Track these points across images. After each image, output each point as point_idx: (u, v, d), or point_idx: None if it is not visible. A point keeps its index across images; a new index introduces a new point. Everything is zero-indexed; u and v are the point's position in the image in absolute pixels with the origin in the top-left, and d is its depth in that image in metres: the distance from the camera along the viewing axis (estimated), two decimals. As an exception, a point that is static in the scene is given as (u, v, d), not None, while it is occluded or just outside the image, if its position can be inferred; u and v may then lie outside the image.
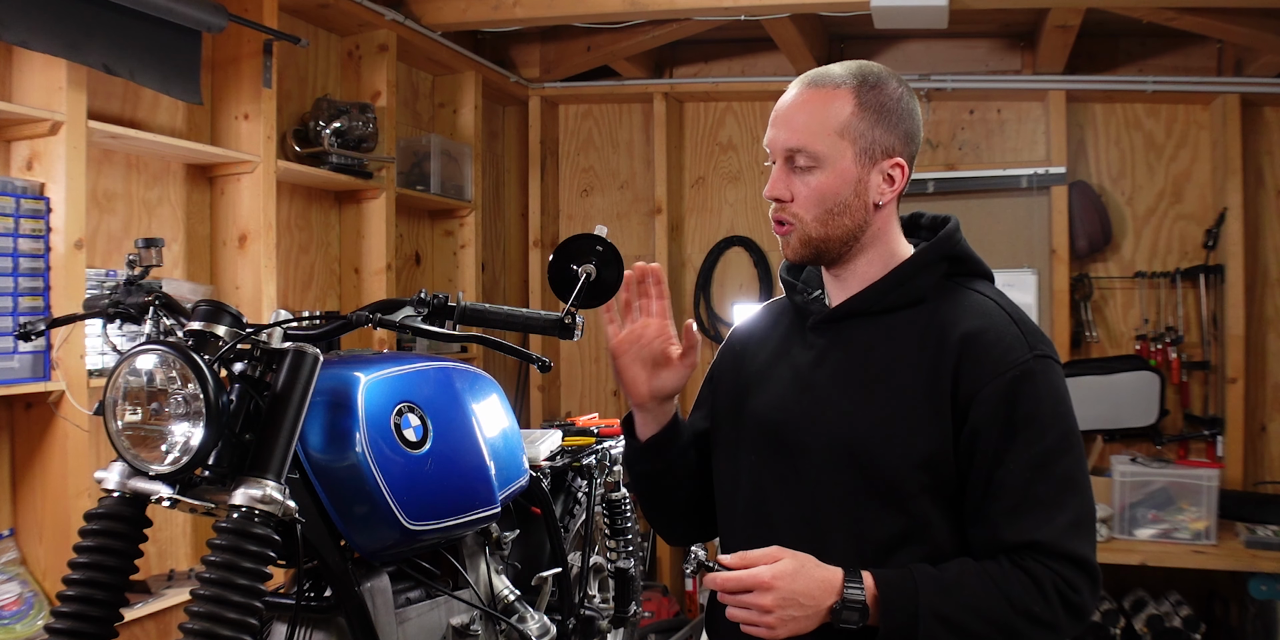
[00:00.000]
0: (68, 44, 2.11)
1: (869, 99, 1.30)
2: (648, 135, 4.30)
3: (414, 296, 1.46)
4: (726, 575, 1.20)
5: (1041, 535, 1.19)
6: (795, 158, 1.30)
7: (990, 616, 1.18)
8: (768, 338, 1.47)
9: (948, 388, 1.25)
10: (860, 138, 1.29)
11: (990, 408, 1.23)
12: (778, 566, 1.19)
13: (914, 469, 1.25)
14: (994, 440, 1.22)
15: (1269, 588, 3.19)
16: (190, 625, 1.15)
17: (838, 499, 1.29)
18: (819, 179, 1.30)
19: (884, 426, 1.27)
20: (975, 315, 1.29)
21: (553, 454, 2.24)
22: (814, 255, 1.35)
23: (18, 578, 2.12)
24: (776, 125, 1.33)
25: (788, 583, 1.18)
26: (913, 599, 1.17)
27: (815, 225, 1.32)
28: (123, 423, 1.26)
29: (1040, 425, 1.23)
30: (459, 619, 1.65)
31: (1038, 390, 1.24)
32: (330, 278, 3.25)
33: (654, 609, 3.83)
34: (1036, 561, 1.19)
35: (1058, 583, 1.19)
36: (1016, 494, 1.21)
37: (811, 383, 1.35)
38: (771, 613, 1.17)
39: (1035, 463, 1.22)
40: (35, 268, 2.10)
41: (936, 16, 3.11)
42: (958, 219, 1.40)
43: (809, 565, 1.21)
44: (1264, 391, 3.75)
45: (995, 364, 1.24)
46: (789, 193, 1.32)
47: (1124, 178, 3.91)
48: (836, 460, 1.29)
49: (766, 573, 1.18)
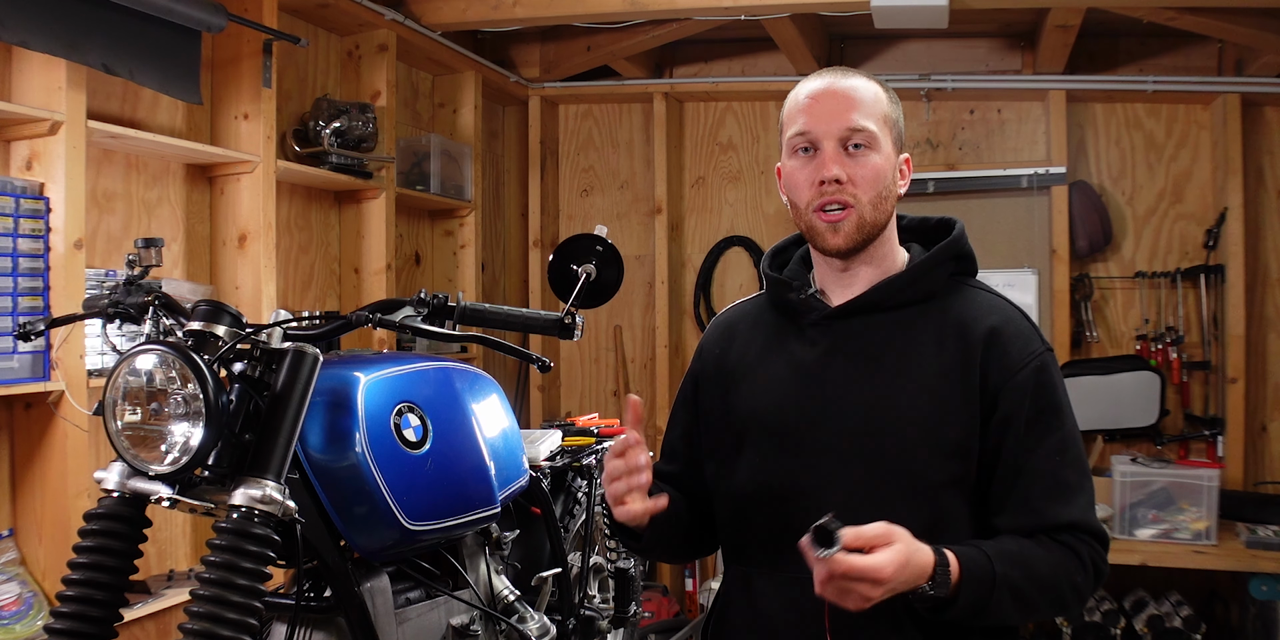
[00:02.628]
0: (67, 44, 2.11)
1: (892, 96, 1.37)
2: (648, 135, 4.29)
3: (414, 296, 1.46)
4: (852, 562, 1.11)
5: (1074, 516, 1.28)
6: (854, 137, 1.30)
7: (1046, 586, 1.25)
8: (750, 340, 1.45)
9: (976, 380, 1.29)
10: (894, 127, 1.35)
11: (1020, 397, 1.28)
12: (895, 557, 1.13)
13: (944, 460, 1.28)
14: (1023, 428, 1.28)
15: (1269, 588, 3.19)
16: (190, 625, 1.15)
17: (864, 494, 1.29)
18: (875, 160, 1.32)
19: (912, 419, 1.28)
20: (993, 311, 1.34)
21: (553, 454, 2.24)
22: (864, 241, 1.33)
23: (17, 578, 2.12)
24: (827, 108, 1.31)
25: (900, 573, 1.13)
26: (990, 573, 1.21)
27: (870, 208, 1.32)
28: (122, 423, 1.26)
29: (1060, 413, 1.31)
30: (459, 619, 1.65)
31: (1053, 379, 1.32)
32: (330, 278, 3.25)
33: (654, 609, 3.83)
34: (1075, 537, 1.28)
35: (1092, 555, 1.29)
36: (1048, 479, 1.28)
37: (821, 380, 1.34)
38: (872, 601, 1.14)
39: (1059, 448, 1.29)
40: (35, 268, 2.10)
41: (936, 16, 3.11)
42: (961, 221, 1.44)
43: (915, 549, 1.16)
44: (1264, 391, 3.75)
45: (1019, 356, 1.30)
46: (846, 174, 1.30)
47: (1124, 178, 3.90)
48: (860, 456, 1.29)
49: (889, 567, 1.12)
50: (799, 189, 1.34)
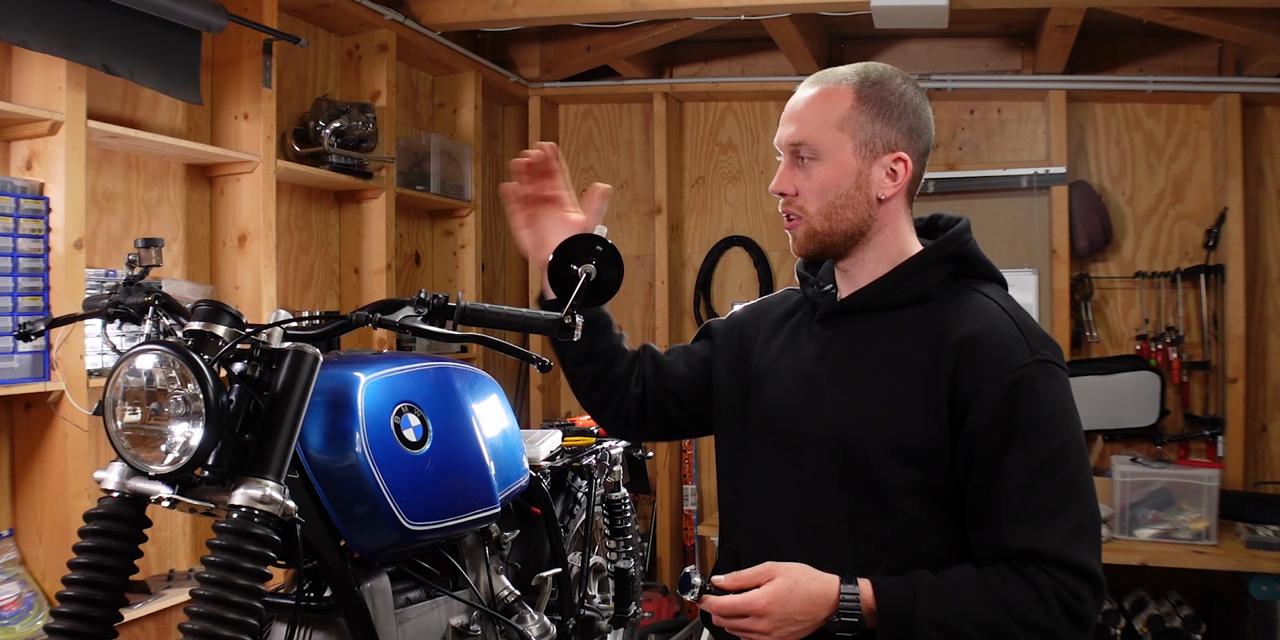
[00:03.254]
0: (67, 44, 2.11)
1: (869, 93, 1.32)
2: (648, 135, 4.29)
3: (414, 296, 1.46)
4: (721, 601, 1.20)
5: (1042, 544, 1.18)
6: (799, 151, 1.33)
7: (988, 624, 1.17)
8: (778, 328, 1.47)
9: (944, 389, 1.25)
10: (860, 131, 1.31)
11: (988, 411, 1.22)
12: (772, 590, 1.19)
13: (901, 467, 1.25)
14: (992, 444, 1.21)
15: (1269, 588, 3.19)
16: (190, 625, 1.15)
17: (832, 494, 1.30)
18: (820, 171, 1.32)
19: (875, 422, 1.27)
20: (976, 317, 1.29)
21: (553, 454, 2.24)
22: (819, 249, 1.36)
23: (17, 578, 2.12)
24: (784, 123, 1.37)
25: (781, 607, 1.18)
26: (910, 606, 1.17)
27: (819, 218, 1.33)
28: (122, 423, 1.25)
29: (1039, 430, 1.21)
30: (459, 619, 1.65)
31: (1038, 395, 1.22)
32: (330, 278, 3.25)
33: (654, 609, 3.83)
34: (1039, 569, 1.18)
35: (1059, 591, 1.17)
36: (1016, 500, 1.20)
37: (813, 376, 1.36)
38: (769, 635, 1.19)
39: (1035, 469, 1.20)
40: (35, 268, 2.10)
41: (936, 16, 3.11)
42: (969, 220, 1.41)
43: (803, 581, 1.20)
44: (1264, 391, 3.75)
45: (994, 367, 1.23)
46: (793, 187, 1.34)
47: (1124, 178, 3.90)
48: (830, 454, 1.30)
49: (761, 599, 1.19)
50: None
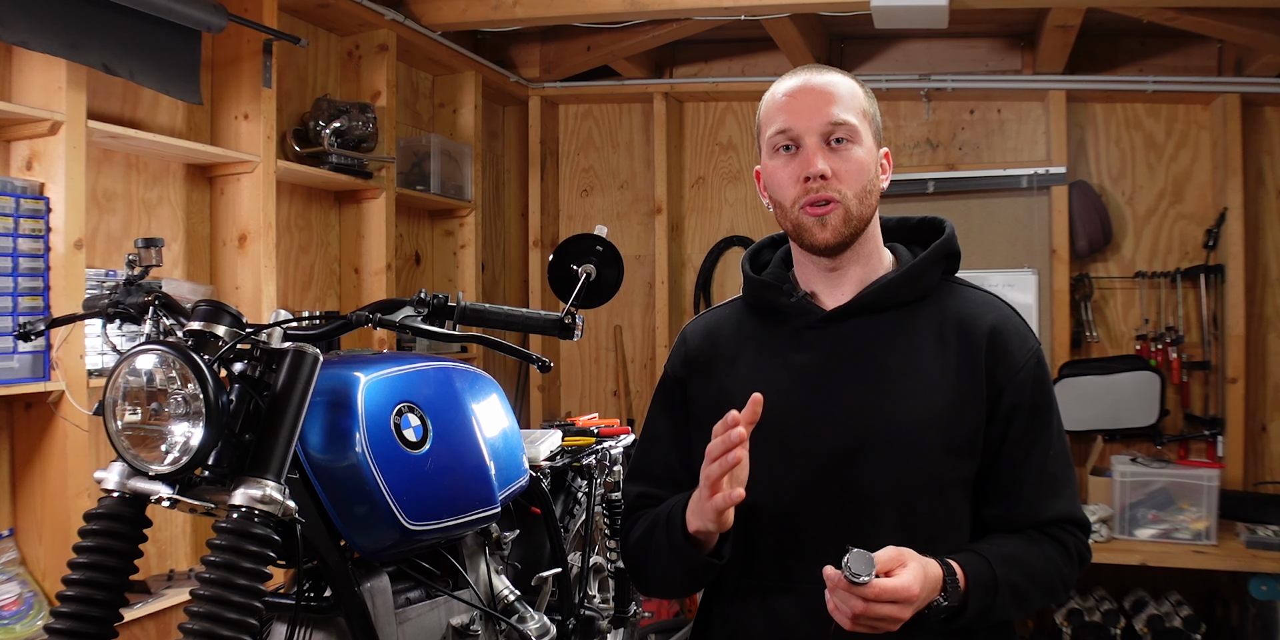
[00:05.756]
0: (67, 44, 2.11)
1: (866, 89, 1.37)
2: (648, 135, 4.30)
3: (414, 296, 1.46)
4: (881, 585, 1.11)
5: (1063, 509, 1.33)
6: (836, 131, 1.29)
7: (1040, 581, 1.29)
8: (738, 348, 1.40)
9: (982, 378, 1.30)
10: (872, 120, 1.35)
11: (1021, 394, 1.31)
12: (916, 573, 1.14)
13: (957, 458, 1.29)
14: (1023, 425, 1.31)
15: (1269, 588, 3.19)
16: (190, 625, 1.15)
17: (880, 498, 1.28)
18: (857, 154, 1.30)
19: (923, 419, 1.28)
20: (990, 308, 1.36)
21: (553, 454, 2.24)
22: (851, 235, 1.31)
23: (17, 578, 2.12)
24: (806, 104, 1.30)
25: (923, 591, 1.15)
26: (992, 577, 1.23)
27: (856, 202, 1.30)
28: (122, 423, 1.25)
29: (1051, 409, 1.34)
30: (459, 619, 1.65)
31: (1047, 375, 1.36)
32: (330, 278, 3.25)
33: (654, 609, 3.83)
34: (1063, 530, 1.33)
35: (1077, 545, 1.34)
36: (1041, 474, 1.32)
37: (823, 384, 1.32)
38: (900, 622, 1.14)
39: (1049, 443, 1.33)
40: (35, 268, 2.10)
41: (936, 16, 3.11)
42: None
43: (925, 565, 1.17)
44: (1264, 391, 3.75)
45: (1020, 352, 1.33)
46: (830, 168, 1.28)
47: (1124, 178, 3.90)
48: (874, 459, 1.27)
49: (915, 584, 1.13)
50: (783, 187, 1.31)
